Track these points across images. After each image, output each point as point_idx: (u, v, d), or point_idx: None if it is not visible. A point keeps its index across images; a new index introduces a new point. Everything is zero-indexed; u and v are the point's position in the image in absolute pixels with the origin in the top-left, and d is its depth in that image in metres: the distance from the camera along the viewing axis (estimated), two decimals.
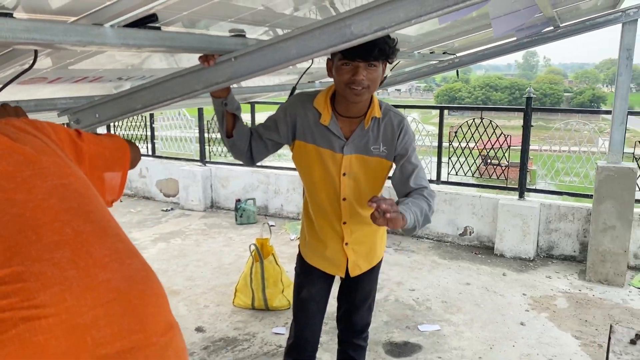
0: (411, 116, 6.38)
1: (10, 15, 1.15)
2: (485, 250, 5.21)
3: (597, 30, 4.18)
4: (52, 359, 0.86)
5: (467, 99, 62.86)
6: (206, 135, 6.92)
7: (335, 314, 2.39)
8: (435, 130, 5.84)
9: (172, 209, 6.73)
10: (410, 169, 1.99)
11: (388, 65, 1.93)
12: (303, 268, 2.25)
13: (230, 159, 6.95)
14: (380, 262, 2.29)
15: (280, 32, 2.31)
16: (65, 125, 1.96)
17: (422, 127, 6.28)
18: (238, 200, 6.24)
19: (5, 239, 0.91)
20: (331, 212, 2.10)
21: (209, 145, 7.00)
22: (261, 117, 2.75)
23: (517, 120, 6.06)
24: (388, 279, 4.44)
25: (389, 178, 2.11)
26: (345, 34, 1.66)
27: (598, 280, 4.45)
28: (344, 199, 2.06)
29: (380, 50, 1.79)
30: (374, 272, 2.27)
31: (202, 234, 5.76)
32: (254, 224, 6.13)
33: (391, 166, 2.07)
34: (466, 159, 5.71)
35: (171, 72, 1.89)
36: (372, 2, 1.60)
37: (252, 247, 3.86)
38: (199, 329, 3.60)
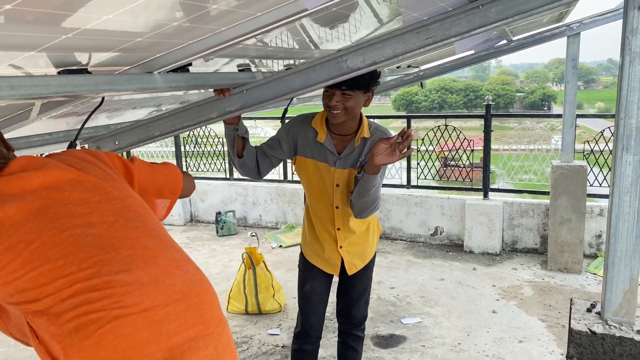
0: None
1: (86, 70, 1.41)
2: (455, 247, 5.61)
3: None
4: (138, 346, 1.12)
5: (424, 102, 64.24)
6: (182, 149, 7.11)
7: (335, 309, 2.70)
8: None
9: None
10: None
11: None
12: (305, 265, 2.55)
13: (208, 173, 7.17)
14: (373, 260, 2.60)
15: (276, 63, 2.61)
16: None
17: None
18: (218, 213, 6.46)
19: (92, 255, 1.17)
20: (326, 219, 2.42)
21: (186, 160, 7.19)
22: None
23: (473, 122, 6.51)
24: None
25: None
26: (342, 68, 1.98)
27: (558, 269, 4.90)
28: (337, 207, 2.37)
29: (352, 80, 2.09)
30: (368, 269, 2.58)
31: (185, 247, 5.95)
32: (234, 234, 6.36)
33: None
34: (426, 163, 6.10)
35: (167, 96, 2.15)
36: (365, 42, 1.93)
37: (245, 256, 4.11)
38: None
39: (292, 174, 6.81)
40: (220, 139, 7.12)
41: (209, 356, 1.20)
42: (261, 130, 7.40)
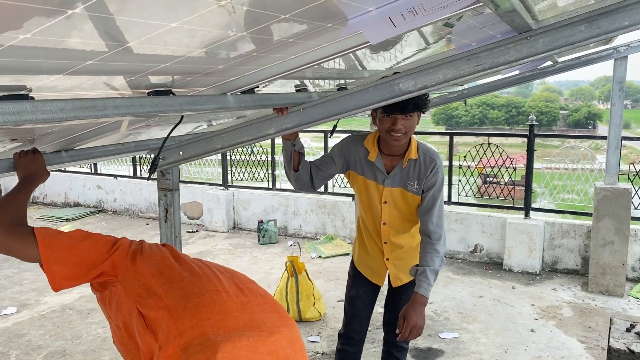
0: None
1: (170, 92, 1.59)
2: (494, 266, 5.63)
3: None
4: (228, 311, 1.38)
5: (464, 117, 63.53)
6: (228, 158, 7.35)
7: (382, 319, 2.81)
8: (434, 149, 6.33)
9: (197, 230, 7.14)
10: (431, 203, 2.38)
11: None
12: (354, 271, 2.70)
13: (252, 182, 7.39)
14: None
15: (327, 82, 2.77)
16: (152, 163, 2.35)
17: None
18: (260, 222, 6.65)
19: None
20: (375, 233, 2.57)
21: (231, 169, 7.43)
22: None
23: (515, 138, 6.52)
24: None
25: None
26: (394, 90, 2.11)
27: (599, 292, 4.86)
28: (384, 224, 2.51)
29: (414, 104, 2.24)
30: (412, 284, 2.67)
31: (229, 253, 6.16)
32: (275, 243, 6.53)
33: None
34: (467, 179, 6.15)
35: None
36: (417, 67, 2.06)
37: (288, 264, 4.26)
38: None
39: (333, 186, 6.96)
40: (265, 149, 7.34)
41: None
42: (304, 141, 7.57)
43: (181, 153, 2.58)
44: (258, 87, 1.88)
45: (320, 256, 5.97)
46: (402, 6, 1.30)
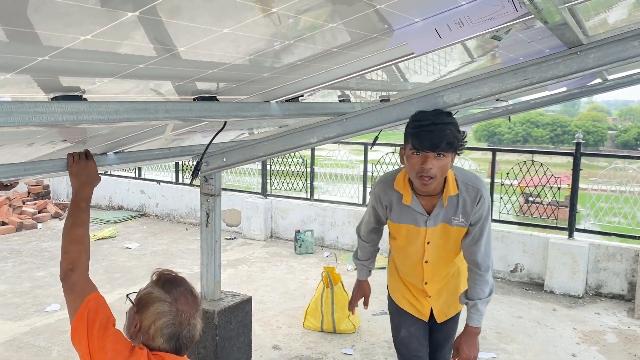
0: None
1: (215, 98, 1.63)
2: (535, 286, 5.47)
3: None
4: None
5: (507, 134, 62.30)
6: (267, 168, 7.44)
7: None
8: (475, 166, 6.27)
9: (235, 237, 7.23)
10: (479, 234, 2.20)
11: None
12: (396, 310, 2.48)
13: (290, 192, 7.45)
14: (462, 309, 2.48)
15: (366, 93, 2.77)
16: (194, 168, 2.40)
17: (467, 165, 6.65)
18: (297, 231, 6.68)
19: None
20: (413, 274, 2.39)
21: (270, 179, 7.51)
22: None
23: (559, 158, 6.35)
24: None
25: None
26: (438, 103, 2.10)
27: None
28: (426, 262, 2.31)
29: (448, 143, 1.93)
30: (455, 316, 2.50)
31: (265, 261, 6.21)
32: (311, 254, 6.55)
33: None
34: (510, 197, 6.02)
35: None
36: (463, 80, 2.04)
37: (324, 274, 4.27)
38: (275, 347, 4.01)
39: None
40: (305, 160, 7.39)
41: None
42: (344, 153, 7.59)
43: (224, 159, 2.63)
44: (302, 95, 1.91)
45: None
46: (449, 17, 1.31)
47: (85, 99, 1.18)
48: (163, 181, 8.46)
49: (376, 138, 3.11)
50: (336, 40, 1.36)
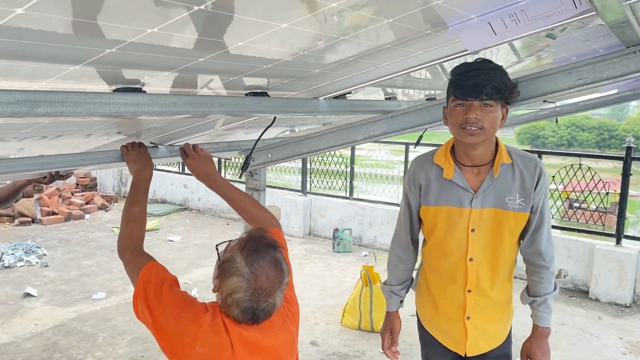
0: None
1: (266, 94, 1.66)
2: (580, 293, 5.32)
3: None
4: None
5: (551, 138, 60.69)
6: (308, 166, 7.49)
7: None
8: None
9: None
10: (540, 218, 1.83)
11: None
12: (425, 339, 2.05)
13: (329, 190, 7.47)
14: (508, 341, 2.03)
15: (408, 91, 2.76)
16: (244, 162, 2.44)
17: None
18: (336, 230, 6.69)
19: None
20: (452, 278, 1.87)
21: (310, 177, 7.55)
22: None
23: (605, 163, 6.14)
24: None
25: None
26: None
27: None
28: (471, 260, 1.82)
29: (495, 88, 1.63)
30: (492, 354, 1.97)
31: (303, 258, 6.25)
32: (349, 252, 6.55)
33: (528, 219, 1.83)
34: (555, 202, 5.87)
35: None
36: (514, 79, 2.00)
37: (363, 272, 4.27)
38: (313, 343, 4.03)
39: None
40: (345, 159, 7.39)
41: None
42: (384, 153, 7.57)
43: (270, 155, 2.66)
44: (350, 92, 1.92)
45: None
46: (505, 14, 1.29)
47: (144, 92, 1.22)
48: None
49: (421, 137, 3.08)
50: (391, 35, 1.36)
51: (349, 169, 7.28)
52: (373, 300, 4.21)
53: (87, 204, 8.44)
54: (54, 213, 7.74)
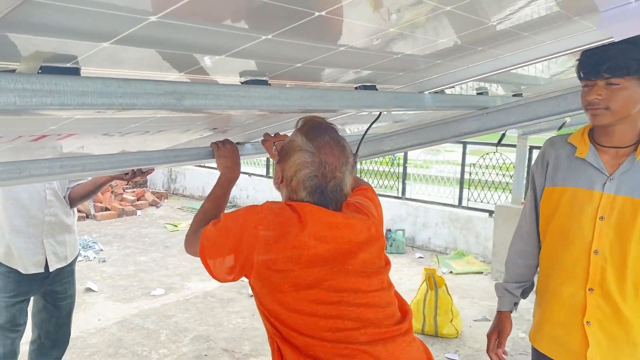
0: None
1: (374, 87, 1.57)
2: None
3: None
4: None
5: None
6: (357, 166, 7.40)
7: None
8: None
9: None
10: None
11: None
12: (537, 358, 1.76)
13: (381, 191, 7.35)
14: None
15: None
16: None
17: None
18: (388, 230, 6.57)
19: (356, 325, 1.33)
20: (571, 273, 1.62)
21: (361, 177, 7.45)
22: None
23: None
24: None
25: None
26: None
27: None
28: (596, 252, 1.57)
29: (615, 65, 1.47)
30: None
31: None
32: (402, 254, 6.41)
33: None
34: None
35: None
36: None
37: (428, 276, 4.14)
38: None
39: (468, 200, 6.70)
40: (397, 160, 7.26)
41: None
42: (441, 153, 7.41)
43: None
44: (453, 87, 1.80)
45: (451, 272, 5.75)
46: None
47: (270, 84, 1.14)
48: (254, 174, 8.62)
49: (502, 136, 2.95)
50: (519, 23, 1.25)
51: (401, 170, 7.15)
52: (438, 304, 4.07)
53: (138, 200, 8.56)
54: (107, 209, 7.88)
